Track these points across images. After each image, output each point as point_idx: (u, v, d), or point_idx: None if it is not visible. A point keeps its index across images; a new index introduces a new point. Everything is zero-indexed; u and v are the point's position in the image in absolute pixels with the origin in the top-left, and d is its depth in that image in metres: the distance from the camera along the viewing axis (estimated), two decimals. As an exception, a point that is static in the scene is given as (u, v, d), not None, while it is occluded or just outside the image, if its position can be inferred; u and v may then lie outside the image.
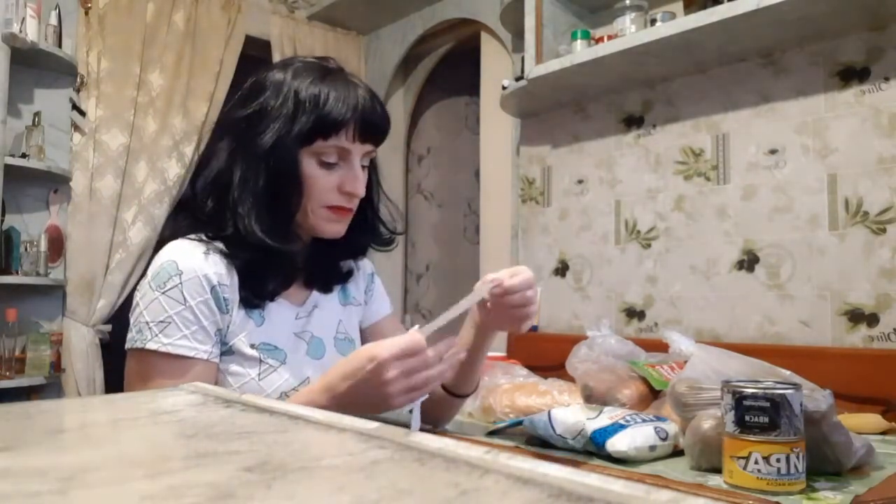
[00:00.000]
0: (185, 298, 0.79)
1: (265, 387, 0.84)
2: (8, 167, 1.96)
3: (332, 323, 0.97)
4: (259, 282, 0.86)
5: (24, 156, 2.05)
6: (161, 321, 0.78)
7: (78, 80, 2.21)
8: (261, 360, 0.85)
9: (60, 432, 0.24)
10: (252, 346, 0.85)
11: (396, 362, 0.73)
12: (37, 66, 2.14)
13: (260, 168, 0.83)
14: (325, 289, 0.97)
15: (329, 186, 0.85)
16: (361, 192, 0.87)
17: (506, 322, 0.89)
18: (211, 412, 0.26)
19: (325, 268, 0.96)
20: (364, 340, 1.02)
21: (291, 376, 0.86)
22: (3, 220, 2.06)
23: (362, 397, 0.74)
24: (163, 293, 0.79)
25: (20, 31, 1.96)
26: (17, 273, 2.05)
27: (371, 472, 0.17)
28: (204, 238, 0.85)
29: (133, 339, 0.80)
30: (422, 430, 0.80)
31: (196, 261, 0.81)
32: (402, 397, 0.74)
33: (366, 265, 1.07)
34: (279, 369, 0.86)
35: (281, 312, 0.90)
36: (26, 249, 2.08)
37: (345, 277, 1.00)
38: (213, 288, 0.81)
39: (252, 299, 0.85)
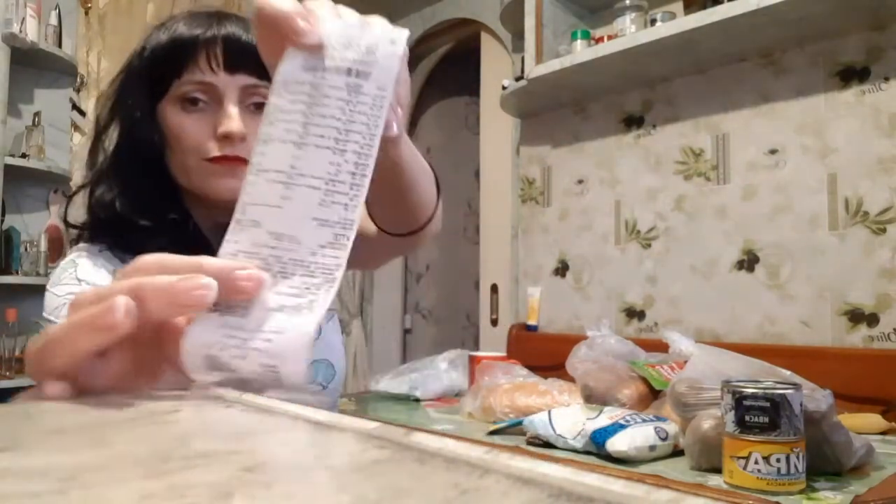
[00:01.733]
0: (79, 280, 0.68)
1: None
2: (8, 167, 1.96)
3: None
4: None
5: (24, 156, 2.06)
6: (55, 307, 0.67)
7: (78, 80, 2.21)
8: None
9: (60, 432, 0.24)
10: None
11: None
12: (37, 66, 2.15)
13: (112, 133, 0.73)
14: None
15: (202, 135, 0.70)
16: (237, 129, 0.68)
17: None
18: (211, 412, 0.26)
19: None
20: None
21: None
22: (3, 220, 2.06)
23: None
24: (56, 286, 0.69)
25: (20, 31, 1.96)
26: (17, 273, 2.05)
27: (371, 472, 0.17)
28: (103, 248, 0.74)
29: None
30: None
31: (94, 253, 0.72)
32: None
33: None
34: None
35: None
36: (26, 249, 2.08)
37: None
38: (113, 274, 0.69)
39: None
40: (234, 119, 0.69)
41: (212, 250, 0.65)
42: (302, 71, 0.36)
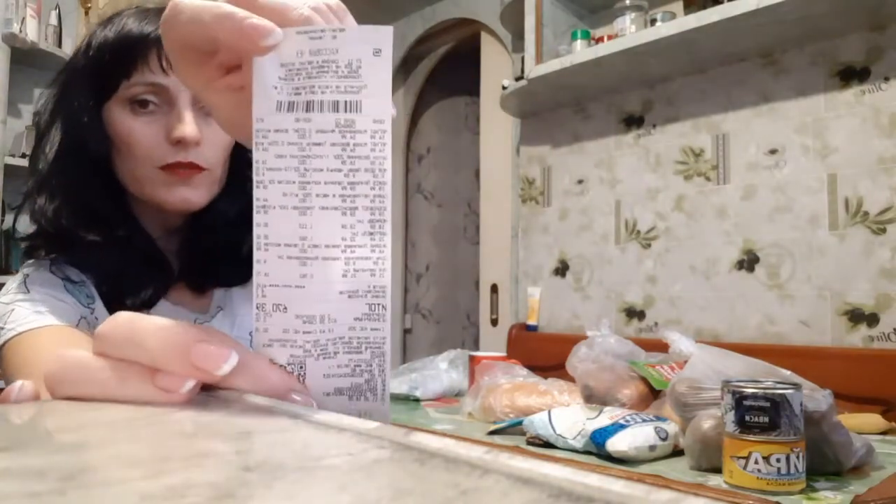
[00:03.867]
0: (27, 289, 0.64)
1: None
2: (8, 167, 1.96)
3: (246, 321, 0.76)
4: (122, 293, 0.67)
5: (24, 156, 2.06)
6: (1, 315, 0.63)
7: (78, 80, 2.21)
8: None
9: (60, 432, 0.24)
10: None
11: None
12: (37, 66, 2.15)
13: (54, 136, 0.66)
14: (227, 282, 0.75)
15: (153, 140, 0.65)
16: (191, 134, 0.64)
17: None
18: (211, 412, 0.26)
19: (210, 257, 0.73)
20: None
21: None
22: (2, 220, 2.06)
23: None
24: (4, 295, 0.66)
25: (20, 31, 1.96)
26: (16, 273, 2.05)
27: (371, 472, 0.17)
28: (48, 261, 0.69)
29: None
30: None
31: (44, 266, 0.67)
32: None
33: None
34: None
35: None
36: (26, 249, 2.08)
37: (246, 260, 0.81)
38: (65, 280, 0.66)
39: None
40: (188, 123, 0.64)
41: (165, 263, 0.61)
42: (277, 113, 0.30)
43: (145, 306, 0.67)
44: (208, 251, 0.73)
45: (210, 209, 0.70)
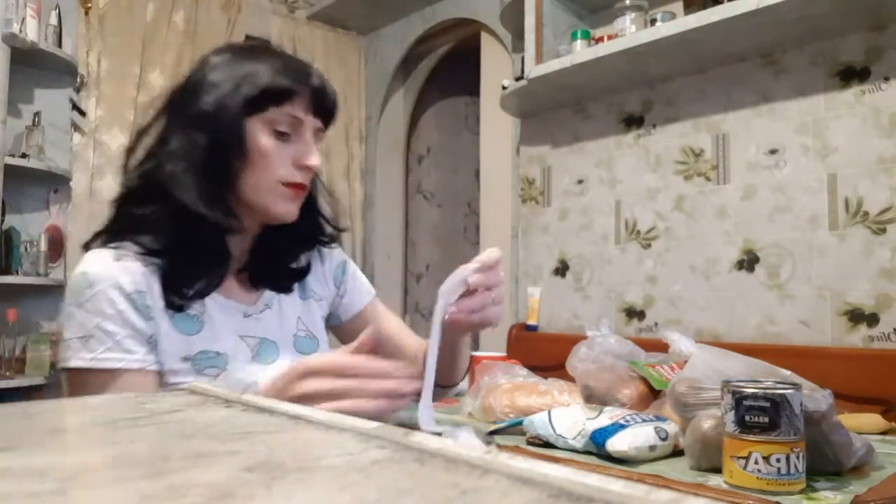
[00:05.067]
0: (101, 309, 0.74)
1: None
2: (8, 167, 1.96)
3: (291, 322, 0.90)
4: (183, 279, 0.78)
5: (24, 156, 2.06)
6: (81, 336, 0.73)
7: (78, 80, 2.21)
8: (197, 372, 0.78)
9: (60, 432, 0.24)
10: (185, 359, 0.78)
11: (314, 378, 0.67)
12: (37, 66, 2.15)
13: (198, 136, 0.78)
14: (280, 288, 0.90)
15: (284, 160, 0.80)
16: (318, 164, 0.82)
17: (469, 326, 0.87)
18: (211, 412, 0.26)
19: (272, 264, 0.89)
20: (349, 337, 0.98)
21: (233, 384, 0.78)
22: (3, 220, 2.06)
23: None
24: (78, 307, 0.74)
25: (20, 31, 1.96)
26: (17, 273, 2.05)
27: (371, 472, 0.17)
28: (119, 245, 0.78)
29: (63, 360, 0.75)
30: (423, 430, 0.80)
31: (107, 269, 0.75)
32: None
33: (334, 255, 1.00)
34: (217, 379, 0.80)
35: (225, 313, 0.83)
36: (26, 249, 2.08)
37: (300, 274, 0.93)
38: (128, 295, 0.75)
39: (177, 301, 0.78)
40: (316, 155, 0.82)
41: (227, 259, 0.82)
42: None
43: (199, 296, 0.80)
44: (272, 257, 0.88)
45: (283, 224, 0.85)
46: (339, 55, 2.89)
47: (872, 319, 1.43)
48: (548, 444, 0.97)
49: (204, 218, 0.77)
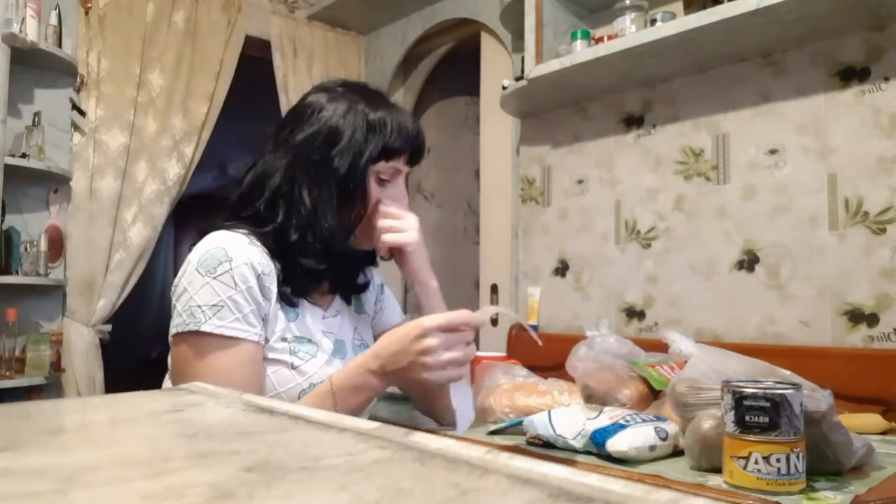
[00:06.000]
0: (235, 283, 0.84)
1: (297, 375, 0.88)
2: (8, 167, 1.96)
3: (350, 329, 1.02)
4: (301, 280, 0.92)
5: (24, 156, 2.05)
6: (214, 304, 0.83)
7: (78, 80, 2.21)
8: (292, 352, 0.89)
9: (60, 432, 0.24)
10: (284, 339, 0.89)
11: (439, 333, 0.80)
12: (37, 66, 2.14)
13: (333, 185, 0.90)
14: (347, 298, 1.04)
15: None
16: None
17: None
18: (211, 412, 0.26)
19: (349, 276, 1.03)
20: None
21: (324, 366, 0.91)
22: (3, 220, 2.06)
23: (404, 362, 0.81)
24: (214, 278, 0.83)
25: (20, 31, 1.96)
26: (17, 273, 2.05)
27: (371, 472, 0.17)
28: (246, 232, 0.89)
29: (185, 324, 0.83)
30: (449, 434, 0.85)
31: (243, 249, 0.86)
32: (439, 370, 0.80)
33: (375, 277, 1.12)
34: (310, 361, 0.90)
35: (312, 312, 0.95)
36: (26, 249, 2.08)
37: (362, 288, 1.07)
38: (258, 276, 0.86)
39: (289, 296, 0.90)
40: (407, 200, 0.99)
41: (323, 275, 0.97)
42: None
43: (303, 294, 0.94)
44: (353, 271, 1.04)
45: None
46: (339, 55, 2.89)
47: (872, 319, 1.43)
48: (548, 444, 0.97)
49: (322, 252, 0.90)
